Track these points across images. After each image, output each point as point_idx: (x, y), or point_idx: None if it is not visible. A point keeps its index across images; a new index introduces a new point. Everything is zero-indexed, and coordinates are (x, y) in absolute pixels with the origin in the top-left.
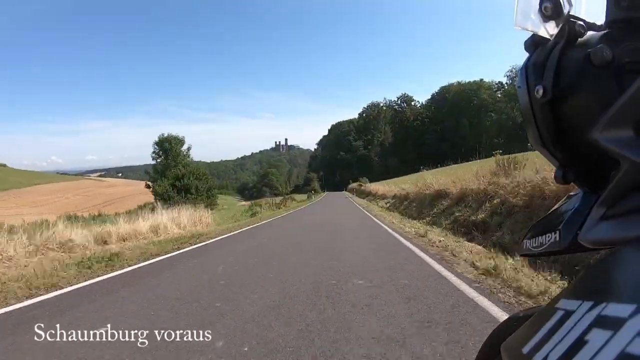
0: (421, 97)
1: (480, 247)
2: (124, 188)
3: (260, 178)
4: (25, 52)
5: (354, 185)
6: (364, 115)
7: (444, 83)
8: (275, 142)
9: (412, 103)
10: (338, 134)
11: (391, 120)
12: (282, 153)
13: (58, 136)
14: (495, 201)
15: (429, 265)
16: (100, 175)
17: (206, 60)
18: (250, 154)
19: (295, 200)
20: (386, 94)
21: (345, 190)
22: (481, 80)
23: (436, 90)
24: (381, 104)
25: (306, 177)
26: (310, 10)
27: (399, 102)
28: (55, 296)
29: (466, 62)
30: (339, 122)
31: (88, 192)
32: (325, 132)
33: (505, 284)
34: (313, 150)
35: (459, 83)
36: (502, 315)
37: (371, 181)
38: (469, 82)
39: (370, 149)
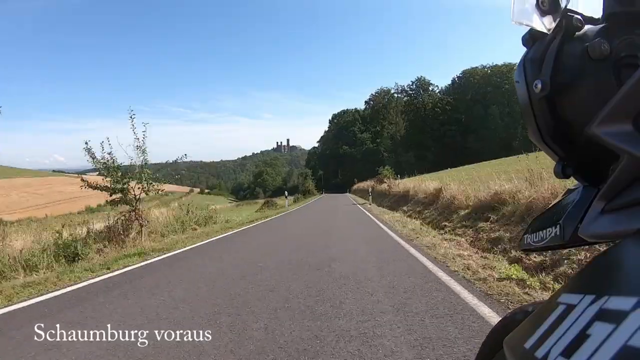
0: (439, 82)
1: None
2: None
3: (254, 178)
4: (30, 52)
5: (366, 184)
6: (372, 103)
7: (466, 68)
8: (277, 143)
9: (430, 88)
10: (341, 125)
11: (404, 108)
12: (284, 154)
13: (61, 134)
14: None
15: None
16: (100, 174)
17: (208, 61)
18: (251, 154)
19: (274, 207)
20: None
21: (349, 192)
22: (510, 64)
23: (458, 74)
24: (392, 91)
25: (299, 175)
26: (318, 10)
27: (413, 87)
28: None
29: (490, 47)
30: (342, 111)
31: (41, 189)
32: (327, 129)
33: None
34: (314, 147)
35: (483, 67)
36: None
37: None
38: (498, 65)
39: (379, 143)
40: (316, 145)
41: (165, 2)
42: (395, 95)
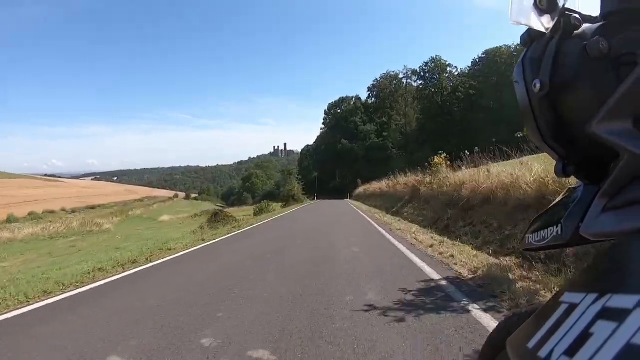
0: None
1: None
2: (64, 190)
3: (243, 182)
4: (31, 56)
5: (394, 182)
6: (375, 90)
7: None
8: (274, 147)
9: (448, 70)
10: (338, 117)
11: (417, 94)
12: (281, 158)
13: (59, 139)
14: None
15: None
16: (95, 179)
17: (211, 68)
18: (247, 158)
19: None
20: None
21: (350, 198)
22: None
23: (479, 55)
24: (400, 75)
25: (280, 173)
26: (325, 15)
27: (427, 69)
28: None
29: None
30: (340, 99)
31: None
32: (323, 122)
33: None
34: (307, 146)
35: (508, 47)
36: None
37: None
38: None
39: (386, 137)
40: (311, 143)
41: (169, 10)
42: (404, 80)
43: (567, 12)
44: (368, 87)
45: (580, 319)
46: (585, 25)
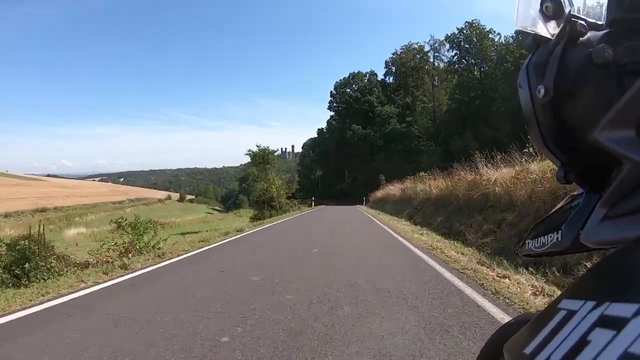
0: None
1: None
2: (33, 190)
3: (239, 183)
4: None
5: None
6: (395, 65)
7: None
8: (282, 149)
9: (489, 37)
10: (348, 98)
11: (449, 67)
12: (288, 160)
13: (69, 140)
14: None
15: None
16: (102, 180)
17: (210, 68)
18: None
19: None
20: None
21: (366, 204)
22: None
23: None
24: (425, 48)
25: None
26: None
27: (461, 37)
28: None
29: None
30: (351, 75)
31: None
32: (329, 106)
33: None
34: (310, 139)
35: None
36: None
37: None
38: None
39: (410, 122)
40: (315, 136)
41: (175, 11)
42: (431, 54)
43: (572, 19)
44: (385, 62)
45: (578, 326)
46: (591, 33)
